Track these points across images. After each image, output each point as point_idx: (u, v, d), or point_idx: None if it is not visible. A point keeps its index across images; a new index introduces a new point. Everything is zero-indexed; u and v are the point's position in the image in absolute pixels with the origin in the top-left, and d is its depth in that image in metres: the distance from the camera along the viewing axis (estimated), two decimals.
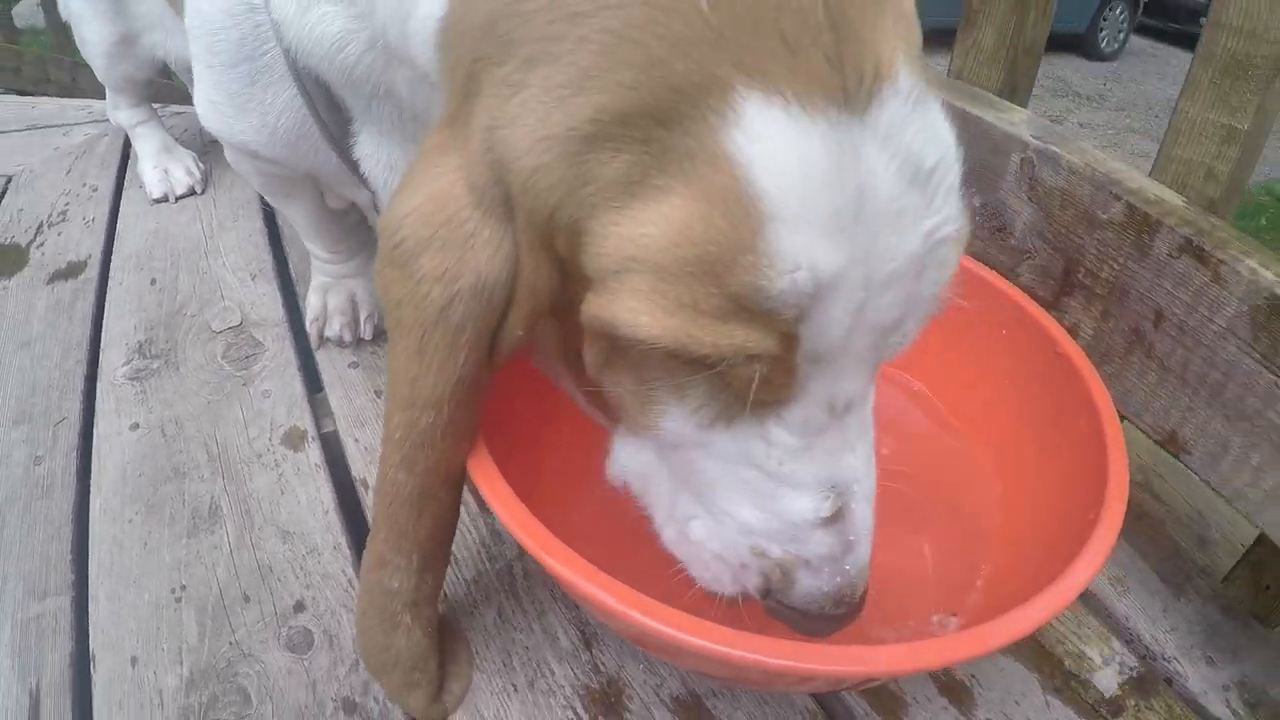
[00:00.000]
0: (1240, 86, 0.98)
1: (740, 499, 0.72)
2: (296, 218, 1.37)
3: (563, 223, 0.60)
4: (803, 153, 0.53)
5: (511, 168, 0.60)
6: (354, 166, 1.01)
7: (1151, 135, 8.64)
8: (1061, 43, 10.95)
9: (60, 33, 3.66)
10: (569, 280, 0.66)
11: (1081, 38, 10.95)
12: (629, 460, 0.80)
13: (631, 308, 0.58)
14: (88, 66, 3.39)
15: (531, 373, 0.85)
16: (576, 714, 0.92)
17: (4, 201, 2.05)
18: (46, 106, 2.75)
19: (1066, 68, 10.60)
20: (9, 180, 2.15)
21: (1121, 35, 11.30)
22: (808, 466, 0.69)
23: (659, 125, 0.55)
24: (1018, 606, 0.73)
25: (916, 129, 0.56)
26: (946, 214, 0.59)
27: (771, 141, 0.53)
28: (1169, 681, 1.02)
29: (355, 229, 1.46)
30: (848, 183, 0.54)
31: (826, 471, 0.70)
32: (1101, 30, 11.07)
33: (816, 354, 0.61)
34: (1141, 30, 12.05)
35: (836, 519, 0.71)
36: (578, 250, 0.61)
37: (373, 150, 0.98)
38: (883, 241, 0.57)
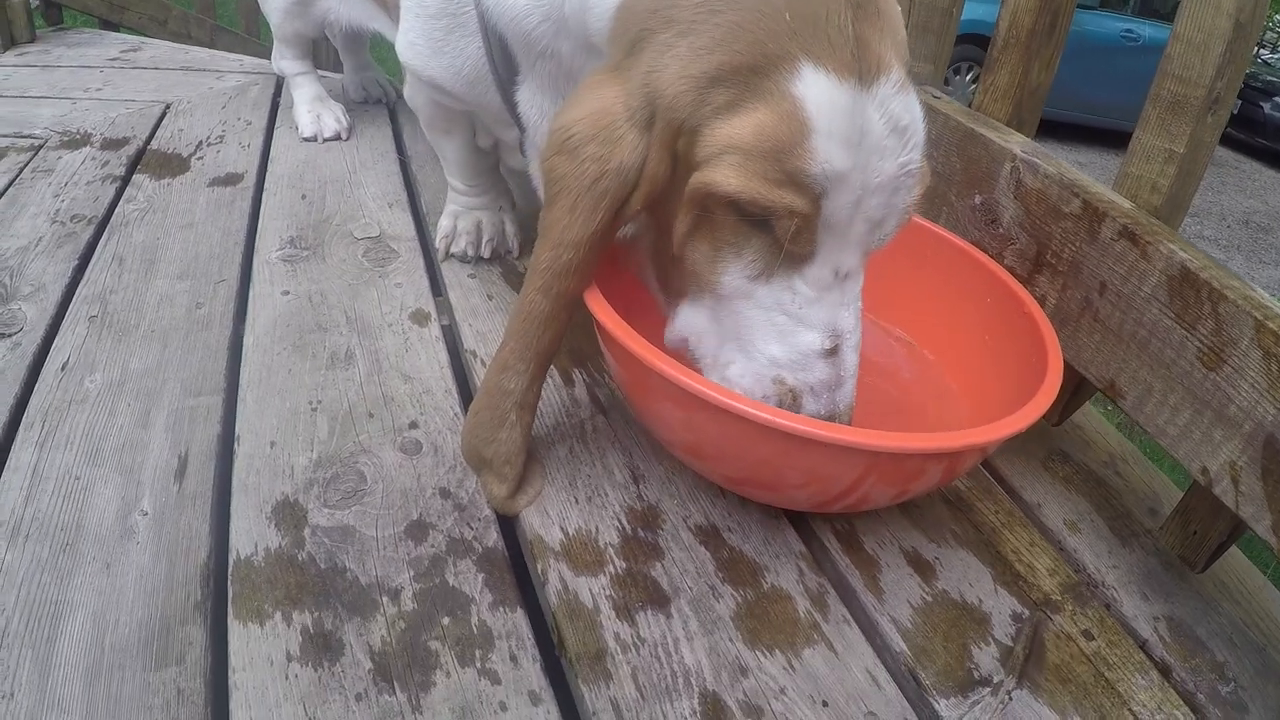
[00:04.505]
0: (1178, 120, 1.21)
1: (771, 338, 1.02)
2: (449, 150, 1.67)
3: (687, 129, 0.92)
4: (833, 100, 0.87)
5: (661, 94, 0.92)
6: (513, 108, 1.31)
7: (1221, 245, 8.52)
8: None
9: None
10: (676, 177, 0.96)
11: None
12: (687, 322, 1.09)
13: (725, 173, 0.90)
14: (228, 30, 3.71)
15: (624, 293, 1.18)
16: (621, 524, 1.16)
17: (164, 122, 2.36)
18: (199, 54, 3.08)
19: None
20: (168, 106, 2.47)
21: None
22: (818, 312, 1.00)
23: (754, 74, 0.88)
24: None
25: (898, 103, 0.91)
26: (913, 156, 0.94)
27: (817, 90, 0.87)
28: (1107, 607, 1.19)
29: (491, 170, 1.75)
30: (856, 124, 0.89)
31: (830, 317, 1.01)
32: None
33: (830, 224, 0.94)
34: (1228, 142, 11.79)
35: (833, 354, 1.01)
36: (692, 146, 0.93)
37: (530, 97, 1.28)
38: (874, 163, 0.91)
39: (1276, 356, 1.04)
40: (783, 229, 0.93)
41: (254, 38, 3.98)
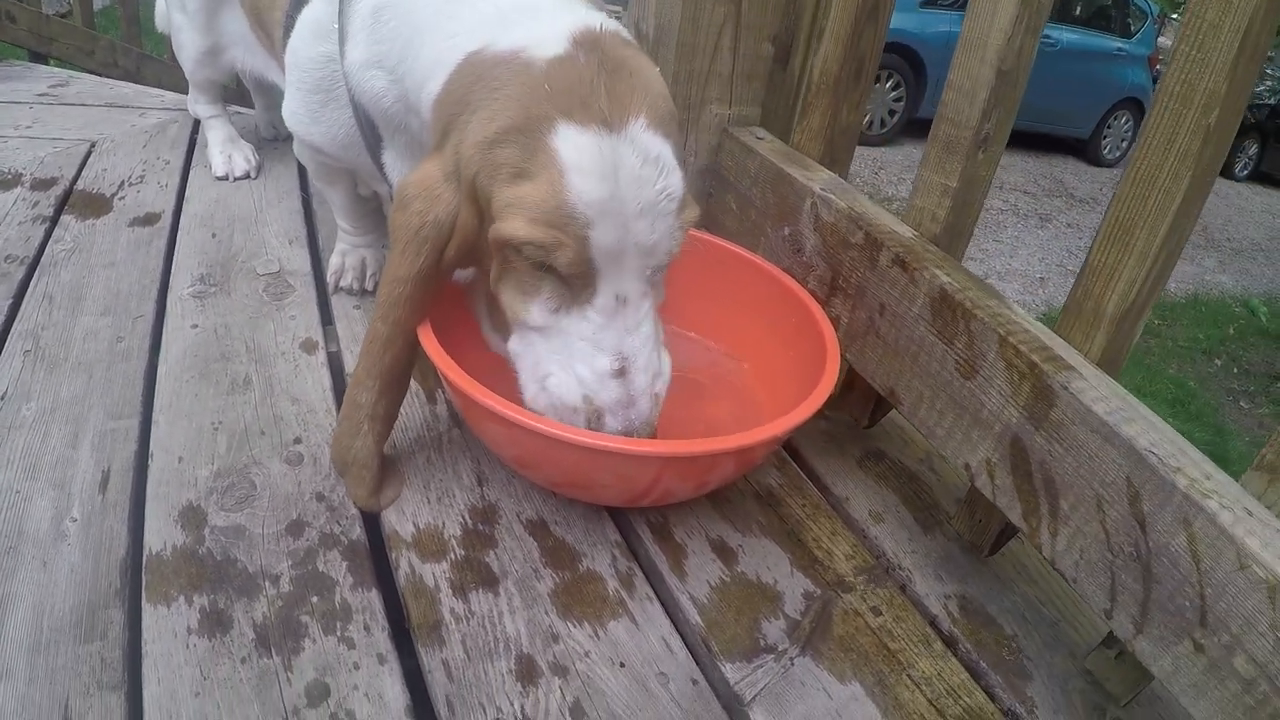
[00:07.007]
0: (952, 158, 1.39)
1: (577, 359, 1.19)
2: (334, 198, 1.87)
3: (480, 187, 1.12)
4: (584, 144, 1.06)
5: (462, 159, 1.12)
6: (381, 169, 1.51)
7: None
8: (1065, 146, 10.99)
9: (132, 25, 3.94)
10: (483, 227, 1.16)
11: (1084, 143, 11.02)
12: (514, 349, 1.26)
13: (512, 223, 1.08)
14: (154, 59, 3.80)
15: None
16: (464, 520, 1.36)
17: (90, 160, 2.51)
18: (123, 89, 3.19)
19: (1066, 170, 10.55)
20: (93, 145, 2.61)
21: (1124, 144, 11.29)
22: (607, 336, 1.18)
23: (523, 133, 1.07)
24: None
25: (648, 139, 1.09)
26: (669, 183, 1.11)
27: (571, 141, 1.06)
28: (902, 588, 1.35)
29: (373, 214, 1.95)
30: (608, 160, 1.06)
31: (616, 341, 1.18)
32: (1105, 138, 11.11)
33: (603, 254, 1.10)
34: None
35: (623, 374, 1.18)
36: (488, 204, 1.11)
37: (393, 161, 1.49)
38: (632, 192, 1.08)
39: (1017, 367, 1.21)
40: (559, 261, 1.09)
41: (179, 65, 4.03)
